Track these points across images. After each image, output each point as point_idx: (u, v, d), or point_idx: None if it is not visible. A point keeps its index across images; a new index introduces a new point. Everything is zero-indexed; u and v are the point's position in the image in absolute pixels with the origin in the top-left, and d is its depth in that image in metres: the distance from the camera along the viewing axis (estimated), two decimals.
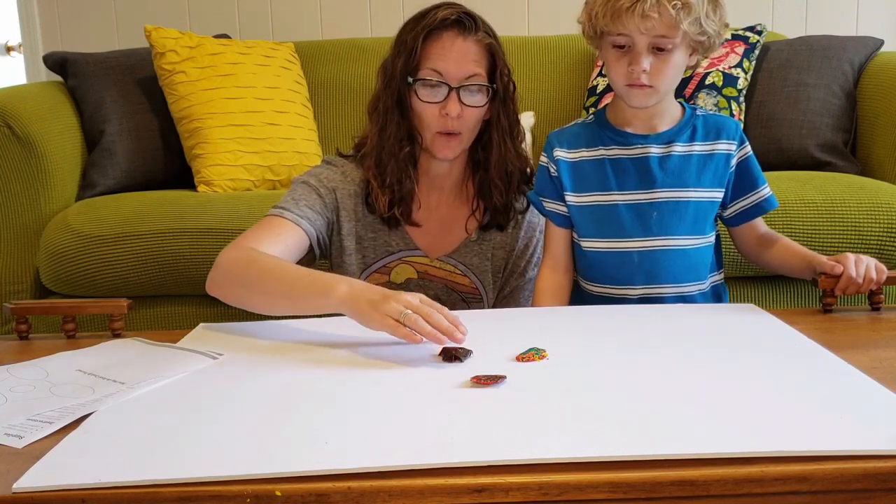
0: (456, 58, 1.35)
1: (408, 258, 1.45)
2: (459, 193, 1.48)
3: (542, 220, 1.47)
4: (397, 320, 1.02)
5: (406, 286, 1.44)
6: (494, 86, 1.38)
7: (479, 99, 1.37)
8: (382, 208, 1.40)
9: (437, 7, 1.37)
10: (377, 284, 1.43)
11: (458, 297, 1.46)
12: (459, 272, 1.45)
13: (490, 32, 1.39)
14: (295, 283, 1.16)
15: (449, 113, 1.34)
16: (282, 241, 1.31)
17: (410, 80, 1.36)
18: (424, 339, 1.01)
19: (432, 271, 1.45)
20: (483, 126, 1.42)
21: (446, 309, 1.05)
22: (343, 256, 1.43)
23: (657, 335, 1.11)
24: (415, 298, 1.05)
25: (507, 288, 1.49)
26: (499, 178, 1.43)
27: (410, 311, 1.02)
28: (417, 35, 1.35)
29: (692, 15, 1.21)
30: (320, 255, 1.42)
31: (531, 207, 1.47)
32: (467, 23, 1.36)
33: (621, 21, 1.23)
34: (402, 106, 1.38)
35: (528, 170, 1.48)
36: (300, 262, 1.34)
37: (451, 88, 1.34)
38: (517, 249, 1.48)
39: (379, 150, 1.40)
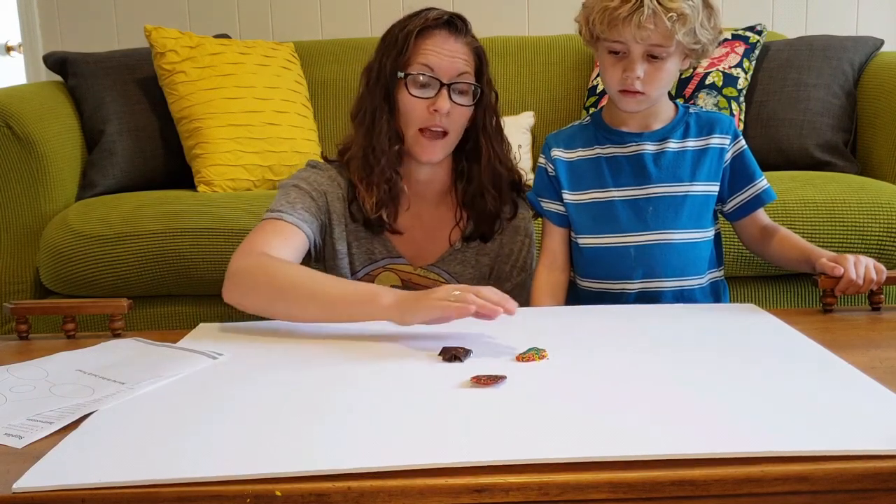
0: (448, 55, 1.35)
1: (391, 266, 1.44)
2: (442, 202, 1.47)
3: (530, 224, 1.47)
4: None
5: None
6: (482, 86, 1.39)
7: (467, 99, 1.37)
8: (370, 210, 1.38)
9: (426, 9, 1.38)
10: None
11: None
12: (444, 280, 1.44)
13: (476, 38, 1.41)
14: (332, 291, 1.14)
15: (439, 109, 1.34)
16: (290, 244, 1.30)
17: (401, 74, 1.35)
18: (474, 310, 1.03)
19: (416, 279, 1.43)
20: (468, 134, 1.42)
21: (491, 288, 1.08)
22: (336, 260, 1.42)
23: (657, 335, 1.11)
24: (455, 289, 1.06)
25: None
26: (490, 184, 1.42)
27: (459, 292, 1.05)
28: (410, 32, 1.35)
29: (687, 25, 1.23)
30: (315, 258, 1.41)
31: (518, 213, 1.46)
32: (458, 24, 1.38)
33: (617, 29, 1.24)
34: (391, 103, 1.38)
35: (518, 178, 1.47)
36: None
37: (442, 84, 1.34)
38: (501, 255, 1.46)
39: (367, 149, 1.38)
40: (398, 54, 1.36)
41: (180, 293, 1.87)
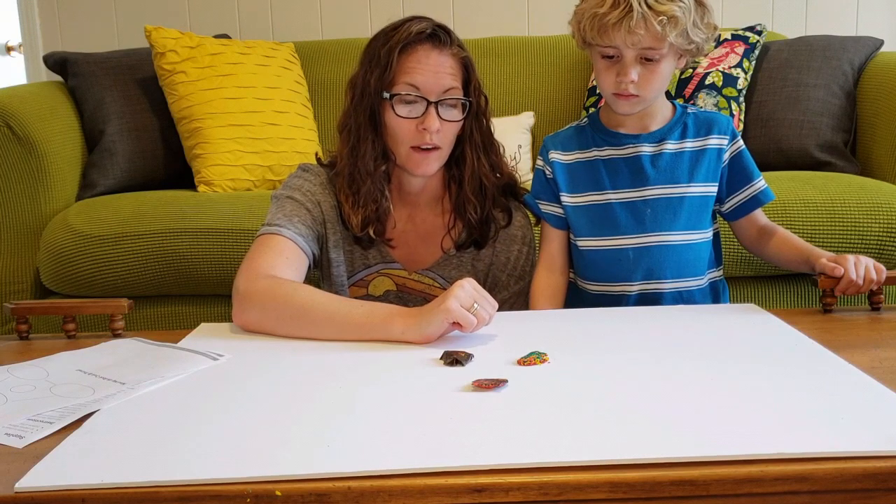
0: (433, 71, 1.31)
1: (386, 271, 1.43)
2: (434, 207, 1.45)
3: (529, 232, 1.46)
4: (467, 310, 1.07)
5: (385, 298, 1.42)
6: (471, 99, 1.36)
7: (456, 113, 1.34)
8: (356, 228, 1.36)
9: (408, 20, 1.34)
10: (356, 297, 1.42)
11: None
12: (439, 285, 1.42)
13: (462, 46, 1.37)
14: (348, 313, 1.14)
15: (428, 128, 1.30)
16: (292, 263, 1.29)
17: (386, 95, 1.32)
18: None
19: (411, 284, 1.42)
20: (457, 140, 1.39)
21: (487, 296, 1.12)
22: (331, 268, 1.41)
23: (658, 337, 1.11)
24: (471, 297, 1.08)
25: None
26: (472, 194, 1.40)
27: (477, 305, 1.08)
28: (392, 49, 1.31)
29: (679, 27, 1.22)
30: (314, 266, 1.40)
31: (513, 221, 1.44)
32: (442, 36, 1.33)
33: (608, 35, 1.24)
34: (376, 122, 1.35)
35: (512, 183, 1.45)
36: None
37: (429, 103, 1.31)
38: (497, 263, 1.44)
39: (352, 169, 1.36)
40: (382, 73, 1.32)
41: (180, 293, 1.87)
